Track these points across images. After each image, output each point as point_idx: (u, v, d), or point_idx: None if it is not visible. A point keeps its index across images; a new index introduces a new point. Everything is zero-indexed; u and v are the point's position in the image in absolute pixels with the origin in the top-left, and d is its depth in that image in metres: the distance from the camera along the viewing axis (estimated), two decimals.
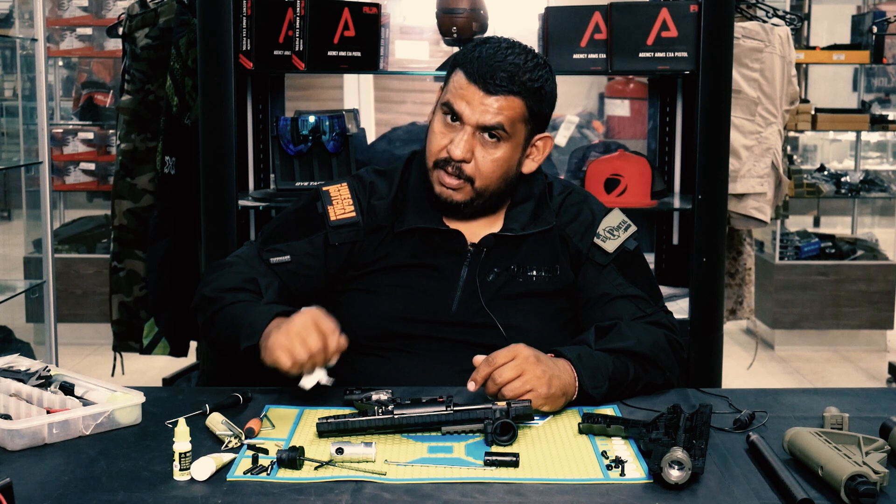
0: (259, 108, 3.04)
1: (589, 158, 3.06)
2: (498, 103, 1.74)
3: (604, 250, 1.85)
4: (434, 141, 1.79)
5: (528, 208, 1.86)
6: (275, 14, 2.63)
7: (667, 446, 1.34)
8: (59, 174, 5.07)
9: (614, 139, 3.57)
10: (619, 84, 3.73)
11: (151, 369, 4.31)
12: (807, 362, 5.09)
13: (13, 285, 3.88)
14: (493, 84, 1.73)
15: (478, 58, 1.75)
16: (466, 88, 1.74)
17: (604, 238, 1.86)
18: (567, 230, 1.87)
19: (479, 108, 1.74)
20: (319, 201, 1.88)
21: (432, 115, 1.83)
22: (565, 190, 1.93)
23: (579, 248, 1.86)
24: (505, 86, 1.73)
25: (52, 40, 5.09)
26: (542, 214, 1.86)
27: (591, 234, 1.86)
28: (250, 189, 3.01)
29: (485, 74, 1.73)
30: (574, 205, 1.90)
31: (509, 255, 1.84)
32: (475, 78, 1.74)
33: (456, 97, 1.75)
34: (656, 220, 3.10)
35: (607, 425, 1.50)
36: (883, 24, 4.94)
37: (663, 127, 3.09)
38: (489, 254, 1.83)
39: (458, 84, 1.76)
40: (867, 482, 1.25)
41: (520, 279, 1.83)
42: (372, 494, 1.29)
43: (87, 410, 1.51)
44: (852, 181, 5.39)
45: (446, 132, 1.77)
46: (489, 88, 1.73)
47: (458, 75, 1.77)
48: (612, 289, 1.84)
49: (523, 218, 1.85)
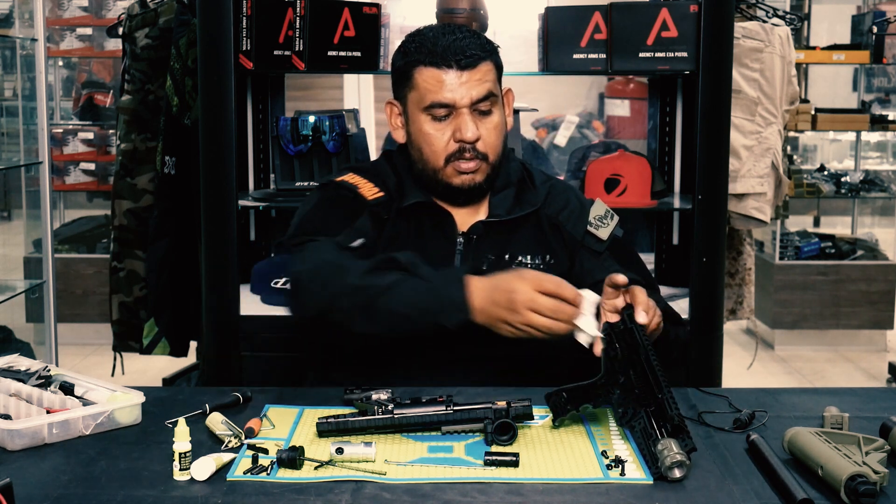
0: (259, 108, 3.04)
1: (589, 158, 3.06)
2: (478, 74, 1.77)
3: (598, 237, 1.88)
4: (435, 142, 1.80)
5: (509, 194, 1.88)
6: (275, 14, 2.63)
7: (654, 440, 1.37)
8: (59, 174, 5.07)
9: (614, 139, 3.57)
10: (619, 84, 3.74)
11: (151, 369, 4.31)
12: (807, 362, 5.09)
13: (13, 285, 3.88)
14: (465, 58, 1.76)
15: (432, 47, 1.77)
16: (442, 78, 1.76)
17: (596, 226, 1.89)
18: (559, 217, 1.89)
19: (465, 88, 1.76)
20: (342, 189, 1.86)
21: (407, 128, 1.84)
22: (548, 179, 1.96)
23: (573, 236, 1.88)
24: (475, 55, 1.77)
25: (52, 40, 5.09)
26: (525, 197, 1.88)
27: (583, 222, 1.89)
28: (250, 189, 3.01)
29: (454, 55, 1.76)
30: (560, 193, 1.93)
31: (501, 242, 1.85)
32: (446, 63, 1.76)
33: (437, 91, 1.77)
34: (656, 220, 3.10)
35: (576, 408, 1.52)
36: (883, 24, 4.94)
37: (663, 127, 3.09)
38: (480, 242, 1.85)
39: (432, 79, 1.77)
40: (867, 482, 1.25)
41: (513, 265, 1.84)
42: (372, 494, 1.29)
43: (87, 410, 1.51)
44: (852, 181, 5.39)
45: (441, 127, 1.79)
46: (463, 65, 1.76)
47: (424, 71, 1.78)
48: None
49: (507, 203, 1.87)
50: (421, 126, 1.80)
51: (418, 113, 1.80)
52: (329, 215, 1.84)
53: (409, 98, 1.82)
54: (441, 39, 1.78)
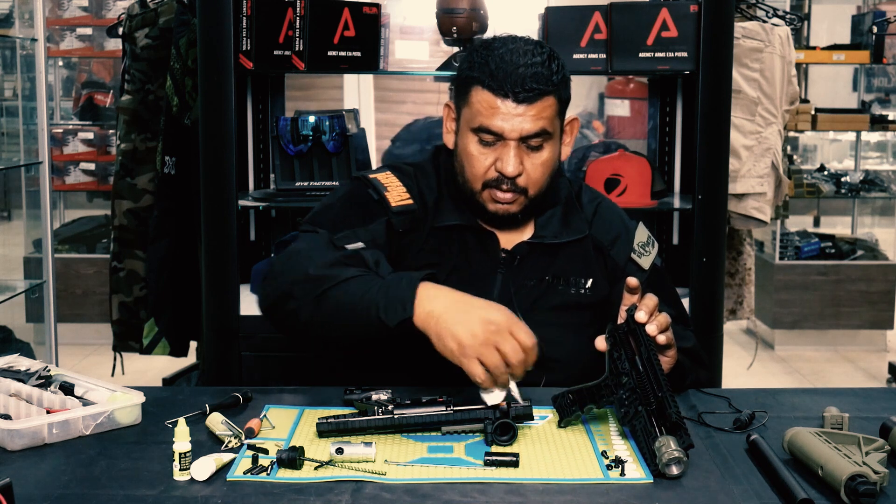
0: (259, 108, 3.04)
1: (589, 158, 3.06)
2: (535, 110, 1.68)
3: (640, 266, 1.82)
4: (476, 164, 1.73)
5: (556, 213, 1.82)
6: (275, 14, 2.63)
7: (653, 438, 1.38)
8: (59, 174, 5.07)
9: (614, 139, 3.57)
10: (619, 84, 3.73)
11: (151, 369, 4.31)
12: (807, 362, 5.09)
13: (13, 285, 3.88)
14: (524, 92, 1.66)
15: (495, 70, 1.67)
16: (497, 105, 1.67)
17: (639, 254, 1.83)
18: (603, 241, 1.84)
19: (518, 121, 1.68)
20: (370, 188, 1.79)
21: (456, 138, 1.77)
22: (595, 198, 1.89)
23: (616, 262, 1.83)
24: (536, 89, 1.67)
25: (52, 40, 5.09)
26: (573, 222, 1.82)
27: (627, 248, 1.83)
28: (250, 189, 3.01)
29: (512, 86, 1.66)
30: (607, 215, 1.87)
31: (545, 264, 1.80)
32: (503, 92, 1.67)
33: (488, 117, 1.69)
34: (656, 220, 3.10)
35: (581, 409, 1.52)
36: (883, 24, 4.94)
37: (663, 127, 3.09)
38: (524, 262, 1.79)
39: (485, 102, 1.68)
40: (867, 482, 1.25)
41: (557, 290, 1.79)
42: (372, 494, 1.29)
43: (87, 410, 1.51)
44: (852, 181, 5.39)
45: (486, 152, 1.72)
46: (521, 98, 1.67)
47: (480, 93, 1.69)
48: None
49: (554, 224, 1.81)
50: (467, 144, 1.74)
51: (467, 130, 1.73)
52: (346, 212, 1.78)
53: (462, 111, 1.75)
54: (506, 64, 1.67)
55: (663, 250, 3.07)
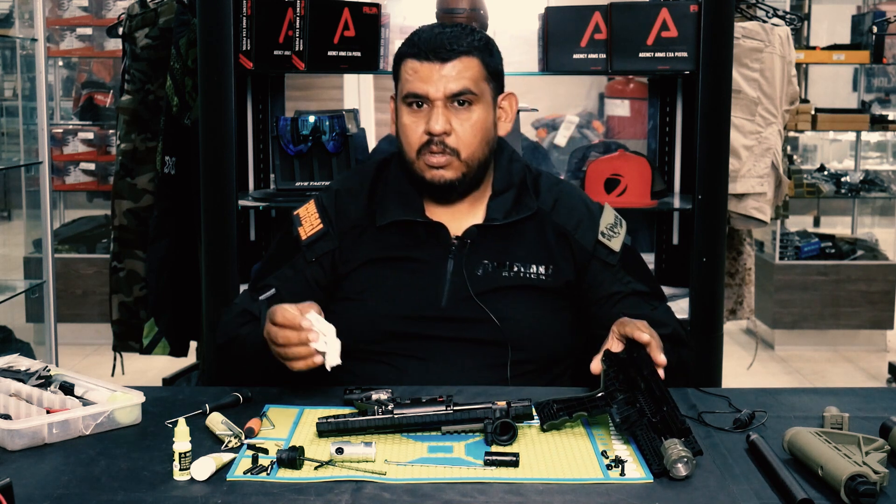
0: (259, 108, 3.04)
1: (589, 158, 3.06)
2: (456, 68, 1.76)
3: (610, 249, 1.85)
4: (410, 133, 1.79)
5: (509, 197, 1.85)
6: (275, 14, 2.63)
7: (658, 437, 1.37)
8: (59, 174, 5.07)
9: (614, 139, 3.57)
10: (619, 84, 3.74)
11: (151, 369, 4.31)
12: (807, 362, 5.09)
13: (13, 285, 3.88)
14: (445, 51, 1.76)
15: (419, 40, 1.78)
16: (421, 68, 1.76)
17: (608, 236, 1.85)
18: (566, 226, 1.85)
19: (442, 80, 1.76)
20: (293, 226, 1.89)
21: (395, 116, 1.84)
22: (557, 183, 1.92)
23: (583, 246, 1.85)
24: (456, 48, 1.76)
25: (52, 40, 5.09)
26: (524, 201, 1.85)
27: (593, 232, 1.85)
28: (250, 189, 3.01)
29: (435, 47, 1.76)
30: (568, 201, 1.89)
31: (498, 248, 1.83)
32: (426, 55, 1.76)
33: (414, 82, 1.77)
34: (656, 220, 3.10)
35: (569, 415, 1.51)
36: (883, 24, 4.94)
37: (663, 127, 3.09)
38: (476, 246, 1.82)
39: (411, 70, 1.78)
40: (867, 482, 1.25)
41: (511, 272, 1.81)
42: (372, 494, 1.29)
43: (87, 410, 1.51)
44: (852, 181, 5.39)
45: (417, 119, 1.78)
46: (442, 56, 1.76)
47: (407, 63, 1.79)
48: (622, 286, 1.85)
49: (505, 206, 1.84)
50: (401, 116, 1.81)
51: (401, 104, 1.81)
52: (273, 260, 1.92)
53: (398, 90, 1.83)
54: (427, 33, 1.79)
55: (663, 250, 3.08)
